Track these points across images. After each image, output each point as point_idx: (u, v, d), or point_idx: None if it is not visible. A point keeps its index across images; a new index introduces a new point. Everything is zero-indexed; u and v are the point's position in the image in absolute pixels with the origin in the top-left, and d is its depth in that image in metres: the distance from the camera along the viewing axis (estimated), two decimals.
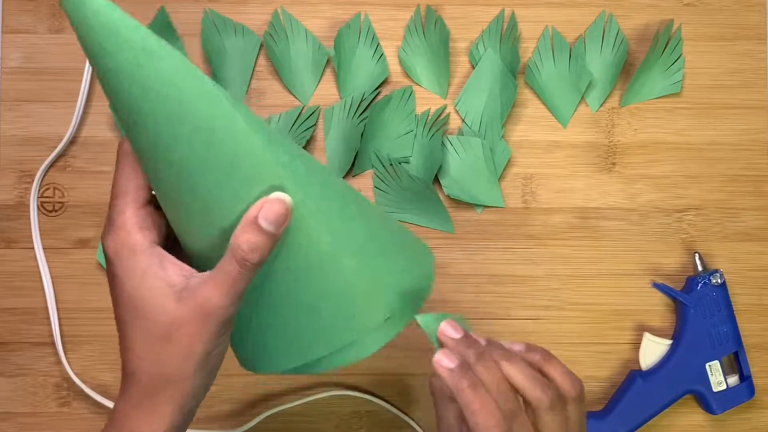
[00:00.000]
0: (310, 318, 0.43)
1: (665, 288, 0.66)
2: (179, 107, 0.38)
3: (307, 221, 0.41)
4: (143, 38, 0.37)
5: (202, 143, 0.38)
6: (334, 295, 0.43)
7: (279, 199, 0.38)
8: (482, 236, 0.67)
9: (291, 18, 0.67)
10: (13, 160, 0.67)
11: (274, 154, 0.40)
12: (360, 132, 0.67)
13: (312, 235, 0.41)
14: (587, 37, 0.68)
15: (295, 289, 0.42)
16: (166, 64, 0.37)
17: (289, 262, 0.42)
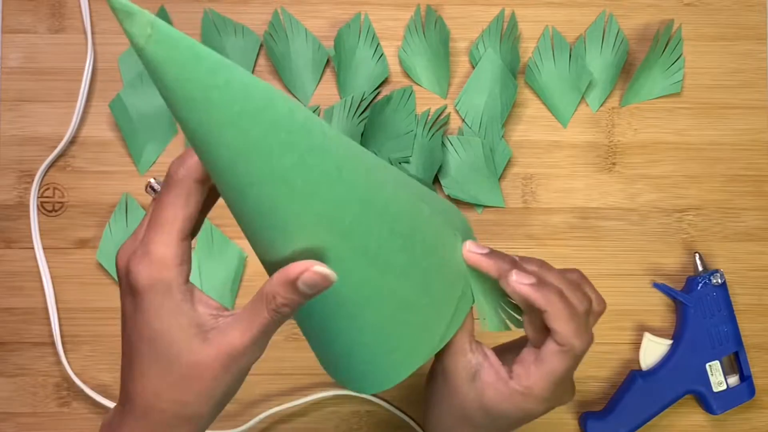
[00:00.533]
0: (404, 328, 0.44)
1: (665, 288, 0.65)
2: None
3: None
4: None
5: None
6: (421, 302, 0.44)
7: (323, 274, 0.36)
8: (482, 236, 0.67)
9: (291, 18, 0.67)
10: (13, 160, 0.67)
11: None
12: (360, 132, 0.67)
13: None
14: (587, 37, 0.68)
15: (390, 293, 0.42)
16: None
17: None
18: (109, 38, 0.67)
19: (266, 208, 0.35)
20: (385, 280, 0.40)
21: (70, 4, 0.67)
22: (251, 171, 0.33)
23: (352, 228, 0.37)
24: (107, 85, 0.67)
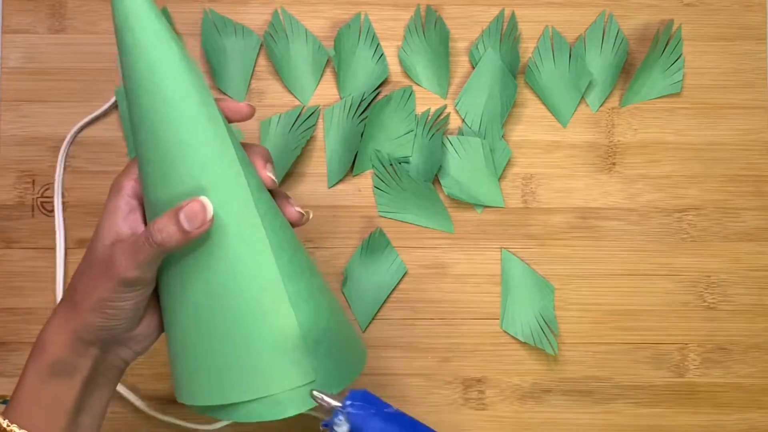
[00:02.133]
0: (239, 356, 0.44)
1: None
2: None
3: (263, 248, 0.43)
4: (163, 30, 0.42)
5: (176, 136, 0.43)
6: (268, 339, 0.44)
7: (202, 202, 0.42)
8: (482, 236, 0.67)
9: (291, 18, 0.67)
10: (13, 160, 0.67)
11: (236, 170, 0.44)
12: (360, 132, 0.67)
13: (261, 259, 0.43)
14: (587, 37, 0.68)
15: (230, 314, 0.44)
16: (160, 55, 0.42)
17: (232, 281, 0.43)
18: (109, 38, 0.67)
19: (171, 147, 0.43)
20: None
21: (70, 4, 0.67)
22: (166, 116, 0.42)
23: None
24: (107, 85, 0.67)
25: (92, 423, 0.47)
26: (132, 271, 0.42)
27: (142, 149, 0.44)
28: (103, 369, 0.47)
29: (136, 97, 0.43)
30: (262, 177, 0.46)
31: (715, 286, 0.68)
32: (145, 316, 0.47)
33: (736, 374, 0.67)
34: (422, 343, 0.67)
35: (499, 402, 0.67)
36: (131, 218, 0.45)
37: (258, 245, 0.44)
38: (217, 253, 0.43)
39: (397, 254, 0.67)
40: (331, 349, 0.46)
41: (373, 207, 0.67)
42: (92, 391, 0.47)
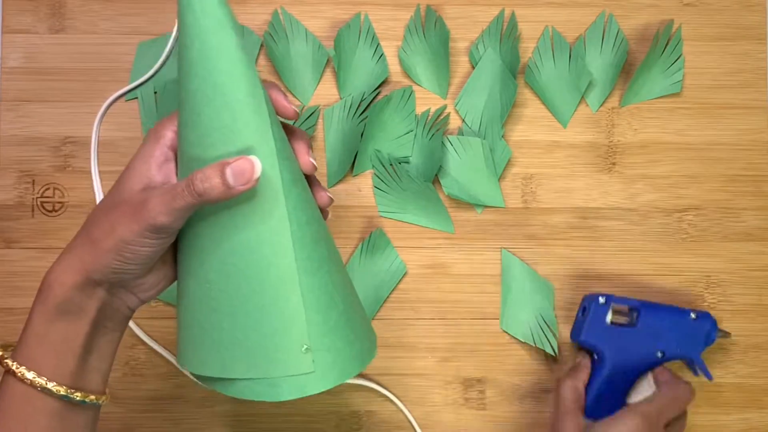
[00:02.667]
0: (244, 335, 0.45)
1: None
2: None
3: (284, 241, 0.44)
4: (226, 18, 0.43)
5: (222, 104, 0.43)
6: (274, 325, 0.44)
7: (252, 162, 0.42)
8: (482, 236, 0.67)
9: (291, 18, 0.67)
10: (13, 160, 0.67)
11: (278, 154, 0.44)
12: (360, 132, 0.67)
13: (280, 250, 0.44)
14: (587, 37, 0.68)
15: (241, 296, 0.44)
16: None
17: (248, 266, 0.44)
18: (109, 38, 0.67)
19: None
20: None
21: (70, 4, 0.67)
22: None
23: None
24: (108, 85, 0.67)
25: (101, 366, 0.47)
26: (164, 216, 0.42)
27: (183, 127, 0.44)
28: (110, 313, 0.47)
29: (185, 77, 0.43)
30: (303, 162, 0.47)
31: (715, 286, 0.68)
32: (157, 266, 0.47)
33: (736, 374, 0.67)
34: (422, 343, 0.67)
35: (499, 402, 0.67)
36: (166, 168, 0.45)
37: (280, 236, 0.44)
38: (238, 237, 0.44)
39: (397, 254, 0.67)
40: (335, 345, 0.46)
41: (373, 207, 0.67)
42: (100, 334, 0.46)
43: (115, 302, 0.47)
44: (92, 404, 0.46)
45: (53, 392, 0.44)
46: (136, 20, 0.68)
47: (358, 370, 0.47)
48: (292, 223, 0.44)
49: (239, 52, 0.43)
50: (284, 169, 0.44)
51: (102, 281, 0.44)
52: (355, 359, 0.47)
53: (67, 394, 0.44)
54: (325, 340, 0.45)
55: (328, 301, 0.46)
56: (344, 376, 0.46)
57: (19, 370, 0.44)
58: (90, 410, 0.47)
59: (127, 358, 0.66)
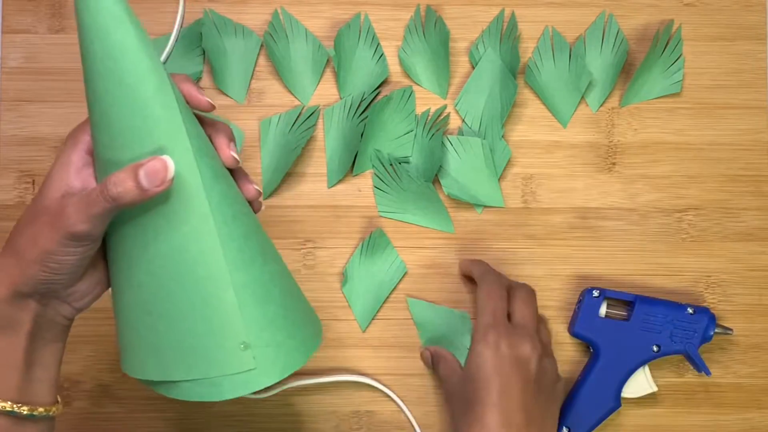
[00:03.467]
0: (179, 337, 0.44)
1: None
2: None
3: (210, 238, 0.43)
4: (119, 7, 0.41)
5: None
6: (209, 325, 0.44)
7: (165, 161, 0.41)
8: (482, 236, 0.67)
9: (291, 18, 0.67)
10: (13, 160, 0.67)
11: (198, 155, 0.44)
12: (360, 132, 0.67)
13: (207, 248, 0.43)
14: (587, 37, 0.68)
15: (173, 298, 0.44)
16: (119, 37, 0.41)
17: (177, 267, 0.43)
18: None
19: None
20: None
21: (70, 4, 0.67)
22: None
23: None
24: None
25: (46, 377, 0.46)
26: (82, 224, 0.41)
27: (95, 130, 0.43)
28: (45, 324, 0.46)
29: (90, 78, 0.42)
30: (224, 156, 0.46)
31: (715, 286, 0.68)
32: (87, 273, 0.46)
33: (736, 374, 0.67)
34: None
35: None
36: (84, 173, 0.44)
37: (205, 235, 0.43)
38: (163, 237, 0.43)
39: (397, 254, 0.67)
40: (276, 339, 0.45)
41: (373, 207, 0.67)
42: (39, 345, 0.45)
43: (49, 313, 0.46)
44: (42, 416, 0.45)
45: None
46: None
47: (302, 361, 0.47)
48: (217, 221, 0.43)
49: (142, 48, 0.41)
50: (203, 166, 0.43)
51: (32, 293, 0.44)
52: (298, 350, 0.47)
53: (13, 409, 0.43)
54: (264, 334, 0.45)
55: (264, 295, 0.45)
56: (288, 369, 0.46)
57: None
58: (42, 422, 0.46)
59: None
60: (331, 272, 0.67)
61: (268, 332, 0.45)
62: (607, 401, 0.63)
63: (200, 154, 0.43)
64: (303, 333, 0.48)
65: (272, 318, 0.45)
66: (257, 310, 0.45)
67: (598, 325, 0.64)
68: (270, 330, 0.45)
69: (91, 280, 0.47)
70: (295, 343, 0.47)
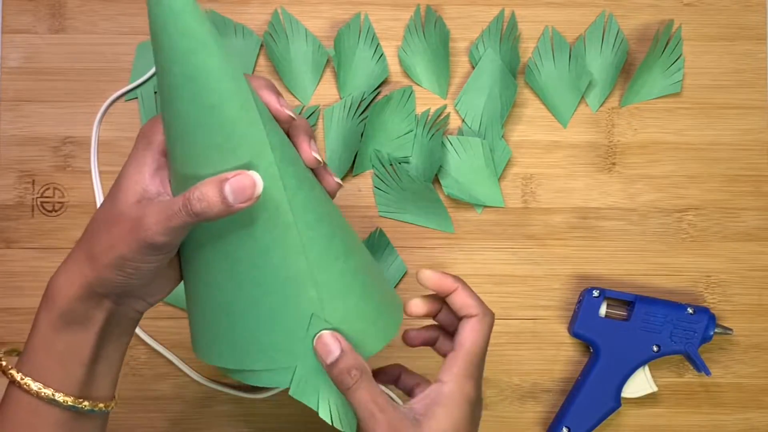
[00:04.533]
0: (260, 332, 0.44)
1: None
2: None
3: (293, 246, 0.43)
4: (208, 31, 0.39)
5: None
6: (289, 319, 0.44)
7: (253, 178, 0.39)
8: (482, 236, 0.67)
9: (291, 18, 0.67)
10: (13, 160, 0.67)
11: (283, 169, 0.42)
12: (360, 132, 0.67)
13: (290, 254, 0.43)
14: (587, 37, 0.68)
15: (253, 300, 0.44)
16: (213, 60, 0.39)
17: (258, 273, 0.43)
18: (109, 38, 0.67)
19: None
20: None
21: (70, 4, 0.67)
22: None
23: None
24: (108, 85, 0.67)
25: (109, 372, 0.46)
26: (162, 236, 0.40)
27: (172, 145, 0.41)
28: (117, 320, 0.45)
29: (169, 99, 0.40)
30: (306, 157, 0.45)
31: (715, 286, 0.68)
32: (162, 273, 0.45)
33: (736, 374, 0.67)
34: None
35: (499, 402, 0.67)
36: (159, 176, 0.43)
37: (288, 242, 0.43)
38: (244, 245, 0.43)
39: (397, 254, 0.67)
40: (355, 328, 0.46)
41: (373, 207, 0.67)
42: (108, 341, 0.45)
43: (123, 309, 0.45)
44: (101, 412, 0.45)
45: (60, 403, 0.43)
46: (135, 20, 0.68)
47: (381, 345, 0.47)
48: (300, 228, 0.43)
49: (225, 68, 0.39)
50: (286, 176, 0.42)
51: (107, 293, 0.43)
52: (376, 337, 0.47)
53: (75, 404, 0.43)
54: (344, 326, 0.45)
55: (345, 289, 0.45)
56: (370, 351, 0.46)
57: (24, 381, 0.43)
58: (98, 418, 0.46)
59: (128, 358, 0.66)
60: None
61: (348, 323, 0.45)
62: (607, 401, 0.63)
63: (284, 163, 0.42)
64: (384, 319, 0.48)
65: (353, 309, 0.46)
66: (338, 303, 0.45)
67: (598, 325, 0.64)
68: (350, 321, 0.46)
69: (166, 277, 0.46)
70: (375, 330, 0.47)
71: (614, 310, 0.65)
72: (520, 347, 0.67)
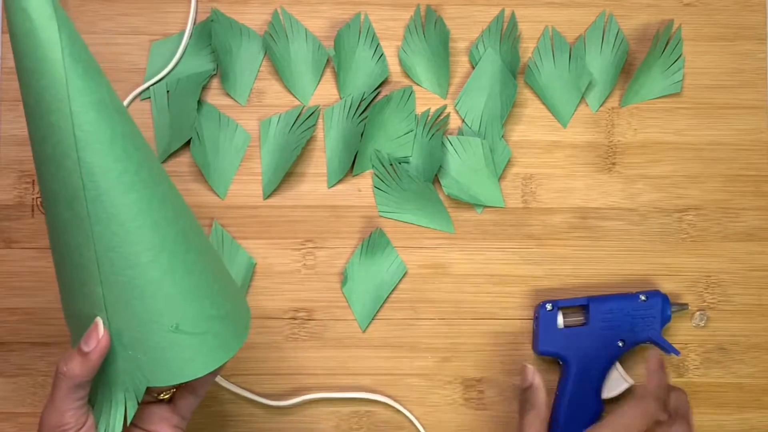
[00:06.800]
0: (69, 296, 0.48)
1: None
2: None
3: (83, 225, 0.44)
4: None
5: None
6: (80, 299, 0.46)
7: (96, 324, 0.45)
8: (482, 236, 0.67)
9: (291, 18, 0.67)
10: (13, 160, 0.67)
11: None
12: (360, 132, 0.67)
13: (81, 244, 0.44)
14: (587, 37, 0.68)
15: (65, 263, 0.47)
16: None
17: (65, 245, 0.45)
18: (109, 38, 0.67)
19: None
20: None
21: (70, 4, 0.67)
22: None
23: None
24: None
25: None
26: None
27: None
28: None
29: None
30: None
31: (715, 286, 0.68)
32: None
33: (736, 374, 0.67)
34: (422, 343, 0.67)
35: (499, 402, 0.67)
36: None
37: (80, 232, 0.44)
38: (61, 213, 0.45)
39: (397, 254, 0.67)
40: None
41: (373, 207, 0.67)
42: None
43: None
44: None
45: None
46: (135, 20, 0.68)
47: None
48: (92, 221, 0.44)
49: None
50: (92, 172, 0.43)
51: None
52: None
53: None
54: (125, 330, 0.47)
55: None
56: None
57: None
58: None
59: None
60: (331, 272, 0.67)
61: (131, 326, 0.47)
62: (589, 408, 0.63)
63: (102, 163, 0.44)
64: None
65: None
66: (121, 306, 0.46)
67: (559, 337, 0.64)
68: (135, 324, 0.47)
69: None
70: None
71: (571, 318, 0.64)
72: (520, 347, 0.67)
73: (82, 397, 0.47)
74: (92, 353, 0.45)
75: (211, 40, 0.67)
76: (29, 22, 0.41)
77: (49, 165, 0.43)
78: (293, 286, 0.67)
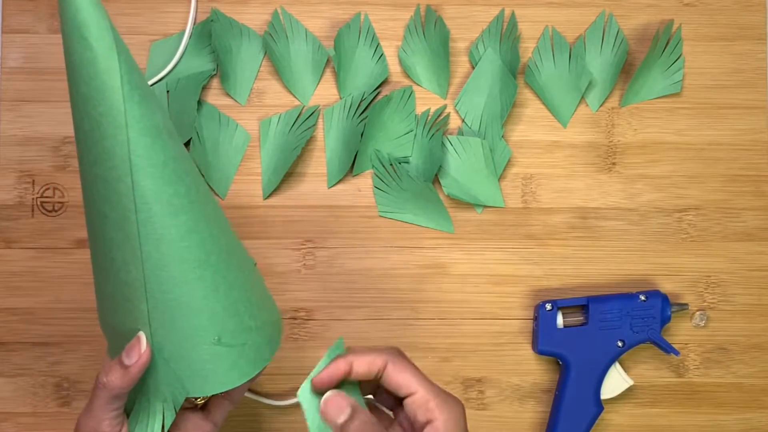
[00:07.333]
0: (109, 309, 0.48)
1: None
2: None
3: (133, 244, 0.45)
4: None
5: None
6: (122, 314, 0.47)
7: (139, 339, 0.46)
8: (482, 236, 0.67)
9: (291, 18, 0.67)
10: (13, 160, 0.67)
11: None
12: (360, 132, 0.67)
13: (129, 261, 0.45)
14: (587, 37, 0.68)
15: (107, 283, 0.48)
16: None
17: (111, 263, 0.46)
18: None
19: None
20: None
21: None
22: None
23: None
24: None
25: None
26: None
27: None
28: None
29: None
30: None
31: (715, 286, 0.68)
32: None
33: (736, 374, 0.67)
34: (422, 343, 0.67)
35: (499, 402, 0.67)
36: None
37: (128, 251, 0.45)
38: (106, 229, 0.45)
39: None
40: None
41: (373, 207, 0.67)
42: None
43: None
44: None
45: None
46: (135, 20, 0.68)
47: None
48: (141, 240, 0.44)
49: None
50: (147, 194, 0.44)
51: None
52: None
53: None
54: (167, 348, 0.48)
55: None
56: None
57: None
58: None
59: None
60: (331, 272, 0.67)
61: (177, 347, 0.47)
62: (589, 408, 0.63)
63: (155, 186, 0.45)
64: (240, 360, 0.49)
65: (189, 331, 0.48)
66: (167, 323, 0.47)
67: (559, 337, 0.64)
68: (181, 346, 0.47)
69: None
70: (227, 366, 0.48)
71: (571, 318, 0.64)
72: (520, 347, 0.67)
73: (119, 407, 0.47)
74: (133, 367, 0.45)
75: (211, 40, 0.67)
76: (90, 51, 0.41)
77: (99, 186, 0.44)
78: (293, 286, 0.67)
